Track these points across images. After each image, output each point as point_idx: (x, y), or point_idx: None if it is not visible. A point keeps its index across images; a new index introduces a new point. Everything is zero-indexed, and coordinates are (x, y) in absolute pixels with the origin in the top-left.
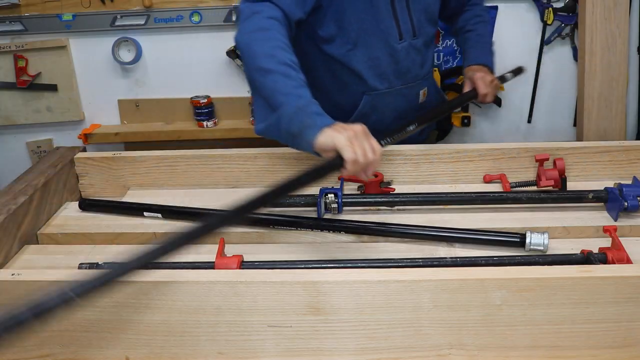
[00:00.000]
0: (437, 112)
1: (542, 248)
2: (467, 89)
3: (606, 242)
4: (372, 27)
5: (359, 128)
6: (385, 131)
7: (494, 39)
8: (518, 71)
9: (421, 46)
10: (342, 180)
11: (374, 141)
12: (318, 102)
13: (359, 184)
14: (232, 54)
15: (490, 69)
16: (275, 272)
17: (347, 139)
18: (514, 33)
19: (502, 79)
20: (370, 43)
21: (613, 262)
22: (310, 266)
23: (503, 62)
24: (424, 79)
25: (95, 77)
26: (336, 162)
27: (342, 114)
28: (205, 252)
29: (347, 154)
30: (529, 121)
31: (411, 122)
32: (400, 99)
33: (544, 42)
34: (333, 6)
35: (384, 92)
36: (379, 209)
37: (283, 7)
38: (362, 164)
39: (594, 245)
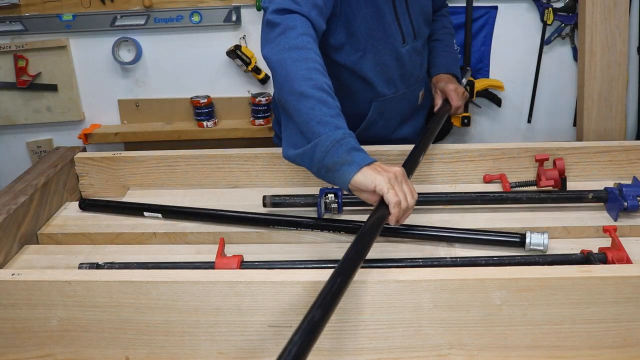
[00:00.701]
0: (433, 133)
1: (542, 248)
2: (437, 99)
3: (606, 242)
4: (379, 32)
5: (398, 170)
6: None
7: (494, 39)
8: (464, 72)
9: (420, 47)
10: None
11: (411, 184)
12: None
13: None
14: (232, 54)
15: (458, 80)
16: (275, 272)
17: (389, 182)
18: (514, 33)
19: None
20: (378, 49)
21: (613, 262)
22: (310, 266)
23: (503, 62)
24: (422, 80)
25: (95, 77)
26: (381, 208)
27: (350, 123)
28: (205, 252)
29: (392, 198)
30: (529, 121)
31: (419, 153)
32: (404, 103)
33: (544, 42)
34: (343, 14)
35: (390, 97)
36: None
37: (311, 18)
38: (404, 209)
39: (594, 245)
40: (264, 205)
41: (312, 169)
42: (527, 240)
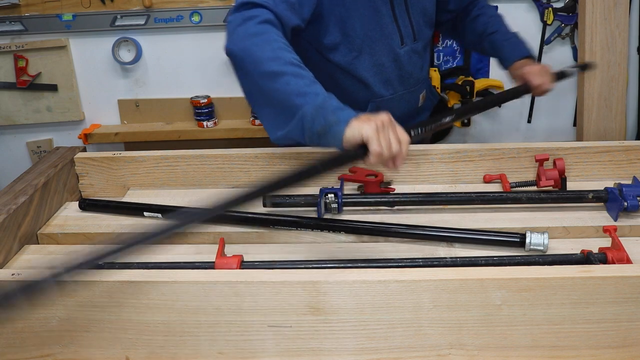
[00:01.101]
0: (480, 105)
1: (542, 248)
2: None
3: (606, 242)
4: (377, 33)
5: (385, 118)
6: (420, 122)
7: None
8: (584, 67)
9: (421, 49)
10: (342, 180)
11: (400, 131)
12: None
13: (359, 184)
14: None
15: (533, 59)
16: (275, 272)
17: (375, 130)
18: None
19: (562, 74)
20: (376, 49)
21: (613, 262)
22: (310, 266)
23: None
24: (423, 82)
25: (95, 77)
26: (359, 152)
27: None
28: (205, 252)
29: (373, 146)
30: (529, 121)
31: (448, 114)
32: (403, 104)
33: (544, 42)
34: (335, 14)
35: (388, 98)
36: (379, 209)
37: (277, 11)
38: (386, 157)
39: (594, 245)
40: (264, 205)
41: (305, 140)
42: (527, 240)
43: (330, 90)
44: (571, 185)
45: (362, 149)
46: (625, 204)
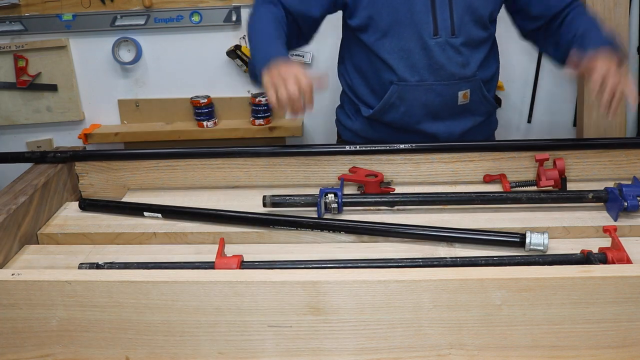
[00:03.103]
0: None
1: (542, 248)
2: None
3: (606, 242)
4: (406, 18)
5: (285, 69)
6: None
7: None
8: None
9: (461, 46)
10: (342, 180)
11: (301, 77)
12: (355, 84)
13: (359, 184)
14: (232, 54)
15: (613, 50)
16: (275, 272)
17: (268, 82)
18: (514, 33)
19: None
20: (402, 34)
21: (613, 262)
22: (310, 266)
23: (503, 62)
24: (467, 81)
25: (95, 77)
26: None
27: (376, 98)
28: (205, 252)
29: (267, 94)
30: (529, 121)
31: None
32: (432, 95)
33: None
34: (365, 1)
35: (414, 84)
36: (379, 209)
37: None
38: (282, 103)
39: (594, 245)
40: (264, 205)
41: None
42: (527, 240)
43: (364, 66)
44: (571, 185)
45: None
46: (625, 204)
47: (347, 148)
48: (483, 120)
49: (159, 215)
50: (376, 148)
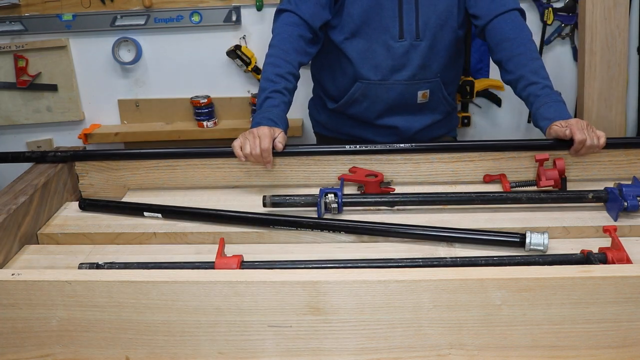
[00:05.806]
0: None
1: (542, 248)
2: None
3: (606, 242)
4: (375, 22)
5: (255, 132)
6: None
7: None
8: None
9: (425, 49)
10: (342, 180)
11: (265, 142)
12: (323, 79)
13: (359, 184)
14: (232, 54)
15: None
16: (275, 272)
17: (238, 141)
18: None
19: None
20: (371, 36)
21: (613, 262)
22: (310, 266)
23: None
24: (427, 82)
25: (95, 77)
26: None
27: (339, 93)
28: (205, 252)
29: (235, 151)
30: (529, 121)
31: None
32: (393, 93)
33: (544, 42)
34: (344, 1)
35: (376, 83)
36: (379, 209)
37: (300, 13)
38: (250, 160)
39: (594, 245)
40: (264, 205)
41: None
42: (527, 240)
43: (333, 61)
44: (571, 185)
45: None
46: (625, 204)
47: (347, 148)
48: (442, 118)
49: (159, 215)
50: (376, 148)
